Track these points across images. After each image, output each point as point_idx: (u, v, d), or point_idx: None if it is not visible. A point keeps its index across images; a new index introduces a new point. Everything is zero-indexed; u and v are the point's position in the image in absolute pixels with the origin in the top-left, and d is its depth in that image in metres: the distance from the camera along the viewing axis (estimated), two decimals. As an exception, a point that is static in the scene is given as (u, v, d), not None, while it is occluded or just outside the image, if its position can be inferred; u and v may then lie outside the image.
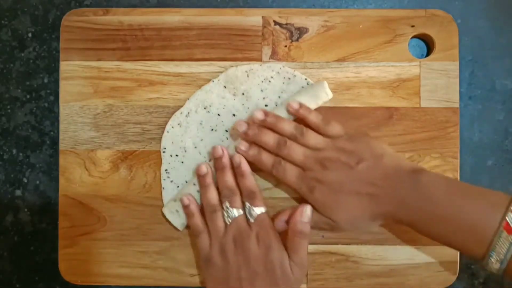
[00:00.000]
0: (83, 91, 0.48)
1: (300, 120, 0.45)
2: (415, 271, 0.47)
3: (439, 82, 0.48)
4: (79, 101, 0.48)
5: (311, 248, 0.47)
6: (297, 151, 0.43)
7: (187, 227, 0.47)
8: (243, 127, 0.44)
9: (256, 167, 0.46)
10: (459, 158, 0.47)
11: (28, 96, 0.50)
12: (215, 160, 0.45)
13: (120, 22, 0.48)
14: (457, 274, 0.47)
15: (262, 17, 0.48)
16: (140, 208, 0.48)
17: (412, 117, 0.48)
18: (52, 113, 0.50)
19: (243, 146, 0.45)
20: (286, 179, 0.44)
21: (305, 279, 0.47)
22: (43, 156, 0.50)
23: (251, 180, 0.44)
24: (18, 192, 0.50)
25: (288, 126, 0.44)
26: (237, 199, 0.44)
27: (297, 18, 0.48)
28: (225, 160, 0.45)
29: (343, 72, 0.48)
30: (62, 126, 0.48)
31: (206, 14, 0.48)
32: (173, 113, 0.48)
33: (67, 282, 0.48)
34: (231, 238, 0.43)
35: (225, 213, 0.43)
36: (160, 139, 0.48)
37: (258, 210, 0.43)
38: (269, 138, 0.44)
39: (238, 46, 0.48)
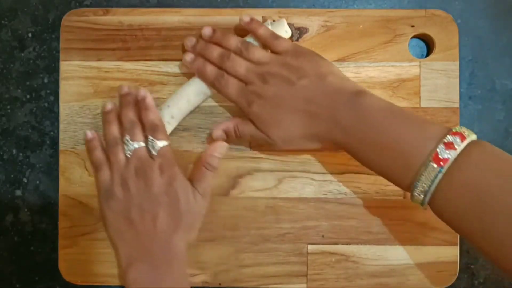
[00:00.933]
0: (83, 91, 0.48)
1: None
2: (415, 271, 0.47)
3: (439, 82, 0.48)
4: (79, 101, 0.48)
5: (311, 248, 0.48)
6: (240, 64, 0.43)
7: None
8: (191, 42, 0.45)
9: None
10: (459, 158, 0.47)
11: (28, 96, 0.50)
12: (120, 97, 0.46)
13: (120, 22, 0.48)
14: (457, 274, 0.47)
15: (262, 17, 0.48)
16: (140, 208, 0.48)
17: (412, 117, 0.48)
18: (52, 113, 0.50)
19: (188, 57, 0.45)
20: (227, 92, 0.43)
21: (305, 279, 0.47)
22: (43, 156, 0.50)
23: (154, 113, 0.44)
24: (18, 192, 0.50)
25: (234, 41, 0.43)
26: (138, 132, 0.43)
27: (297, 18, 0.48)
28: (130, 98, 0.45)
29: (343, 72, 0.48)
30: (62, 126, 0.48)
31: (206, 14, 0.48)
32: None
33: (67, 282, 0.48)
34: (133, 169, 0.42)
35: (125, 146, 0.43)
36: (160, 139, 0.48)
37: (161, 143, 0.43)
38: (214, 51, 0.44)
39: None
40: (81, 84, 0.48)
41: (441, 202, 0.35)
